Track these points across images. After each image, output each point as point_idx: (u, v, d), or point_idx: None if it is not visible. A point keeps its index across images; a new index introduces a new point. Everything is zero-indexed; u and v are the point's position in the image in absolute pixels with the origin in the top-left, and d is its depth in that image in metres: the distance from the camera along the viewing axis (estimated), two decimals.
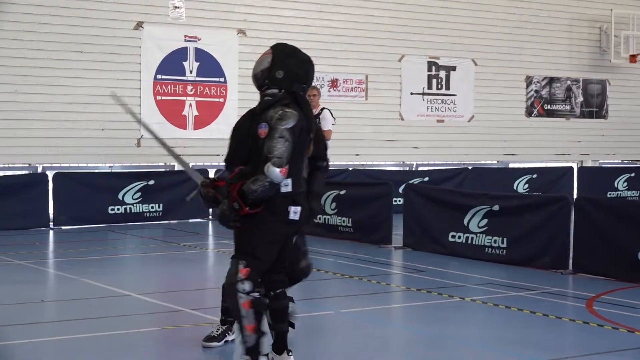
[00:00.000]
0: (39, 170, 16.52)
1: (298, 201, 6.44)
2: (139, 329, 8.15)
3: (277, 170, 6.06)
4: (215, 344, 7.51)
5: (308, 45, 18.57)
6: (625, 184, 21.78)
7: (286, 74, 6.65)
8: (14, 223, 15.25)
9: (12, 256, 12.42)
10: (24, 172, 16.45)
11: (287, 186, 6.28)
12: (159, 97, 17.07)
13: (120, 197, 16.38)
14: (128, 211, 16.39)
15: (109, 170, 17.12)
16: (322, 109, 15.74)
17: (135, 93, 17.03)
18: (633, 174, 21.98)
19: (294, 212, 6.42)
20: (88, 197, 16.02)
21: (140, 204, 16.38)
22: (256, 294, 6.24)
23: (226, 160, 6.73)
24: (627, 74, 23.00)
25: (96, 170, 17.03)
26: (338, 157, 18.13)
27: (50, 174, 16.07)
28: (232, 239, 6.52)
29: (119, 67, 16.89)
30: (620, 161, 23.43)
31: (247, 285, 6.21)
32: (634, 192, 21.72)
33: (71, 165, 16.88)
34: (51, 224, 15.81)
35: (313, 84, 17.56)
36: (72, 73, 16.54)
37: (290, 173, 6.21)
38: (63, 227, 15.75)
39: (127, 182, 16.49)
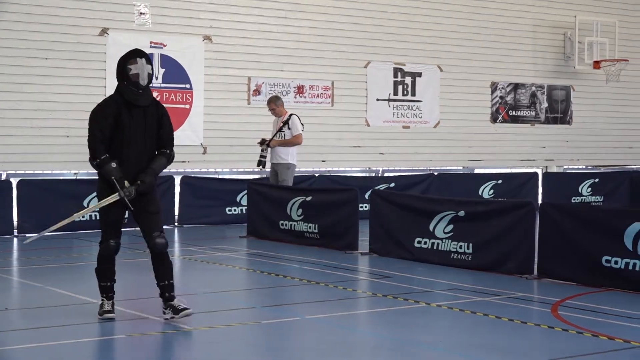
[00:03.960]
0: (3, 177, 16.40)
1: None
2: (105, 337, 8.12)
3: None
4: (113, 314, 8.53)
5: (274, 52, 18.74)
6: (589, 189, 21.95)
7: None
8: None
9: None
10: None
11: None
12: None
13: (85, 204, 16.26)
14: (93, 218, 16.27)
15: (74, 177, 17.02)
16: (290, 115, 15.81)
17: (100, 100, 16.84)
18: (597, 180, 22.15)
19: None
20: (53, 204, 15.87)
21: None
22: None
23: None
24: (591, 80, 23.19)
25: (61, 177, 16.93)
26: (304, 163, 18.18)
27: (14, 181, 15.96)
28: (198, 245, 6.50)
29: (84, 73, 16.83)
30: (584, 167, 23.63)
31: None
32: (597, 197, 21.89)
33: (36, 172, 16.78)
34: (15, 231, 15.70)
35: (270, 95, 17.78)
36: (36, 79, 16.45)
37: None
38: (27, 235, 15.63)
39: (92, 189, 16.31)
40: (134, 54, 8.41)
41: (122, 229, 8.68)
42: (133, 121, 8.37)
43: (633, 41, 23.68)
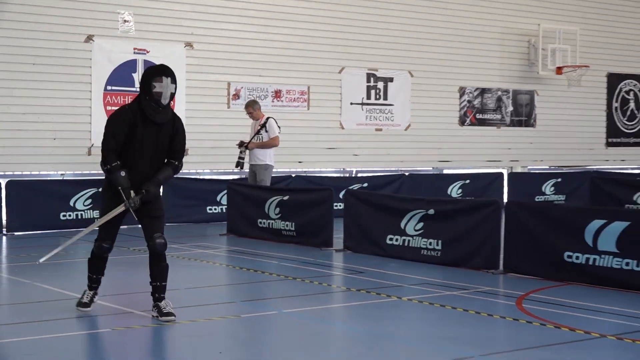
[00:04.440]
0: None
1: None
2: (91, 331, 8.10)
3: None
4: (88, 309, 8.63)
5: (253, 58, 18.73)
6: (552, 188, 22.06)
7: None
8: None
9: None
10: None
11: None
12: (108, 108, 16.93)
13: (71, 203, 16.22)
14: (79, 217, 16.24)
15: (61, 178, 16.94)
16: (268, 118, 15.83)
17: (86, 103, 16.90)
18: (559, 179, 22.27)
19: None
20: (40, 204, 15.85)
21: (91, 210, 16.22)
22: None
23: None
24: (553, 85, 23.30)
25: (48, 178, 16.85)
26: (282, 164, 18.17)
27: (3, 182, 15.87)
28: (180, 242, 6.50)
29: (70, 78, 16.75)
30: (547, 167, 23.72)
31: None
32: (560, 196, 22.01)
33: (24, 173, 16.69)
34: (4, 229, 15.62)
35: (248, 99, 17.75)
36: (25, 84, 16.36)
37: None
38: (16, 233, 15.56)
39: (78, 189, 16.34)
40: (161, 72, 8.26)
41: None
42: (147, 134, 8.28)
43: (593, 48, 23.82)
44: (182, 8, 17.99)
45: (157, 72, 8.29)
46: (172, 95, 8.32)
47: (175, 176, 17.46)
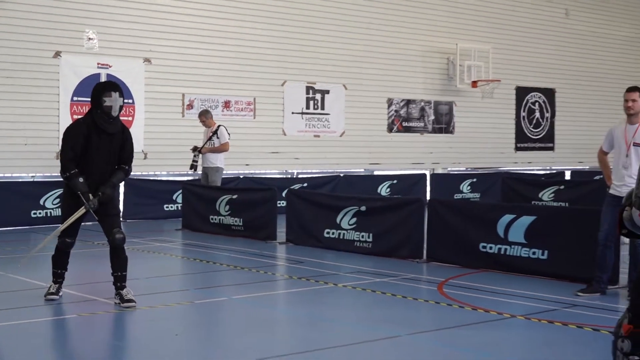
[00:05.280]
0: None
1: None
2: (59, 316, 7.99)
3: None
4: (56, 297, 8.52)
5: (205, 72, 18.62)
6: (469, 187, 22.27)
7: None
8: None
9: None
10: None
11: None
12: (75, 116, 16.69)
13: (41, 202, 15.96)
14: (48, 215, 15.98)
15: (32, 179, 16.68)
16: (219, 126, 15.76)
17: (54, 112, 16.65)
18: (475, 179, 22.50)
19: None
20: (13, 203, 15.58)
21: (59, 209, 15.97)
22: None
23: None
24: (469, 97, 23.53)
25: (20, 180, 16.58)
26: (231, 167, 18.07)
27: None
28: (140, 237, 6.43)
29: (40, 90, 16.50)
30: (464, 169, 23.93)
31: (626, 345, 4.23)
32: (475, 194, 22.23)
33: None
34: None
35: (201, 109, 17.67)
36: None
37: None
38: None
39: (47, 190, 16.08)
40: (110, 88, 8.28)
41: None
42: (100, 143, 8.27)
43: (504, 65, 24.09)
44: (142, 27, 17.81)
45: (107, 87, 8.33)
46: (121, 108, 8.31)
47: (134, 178, 17.46)
